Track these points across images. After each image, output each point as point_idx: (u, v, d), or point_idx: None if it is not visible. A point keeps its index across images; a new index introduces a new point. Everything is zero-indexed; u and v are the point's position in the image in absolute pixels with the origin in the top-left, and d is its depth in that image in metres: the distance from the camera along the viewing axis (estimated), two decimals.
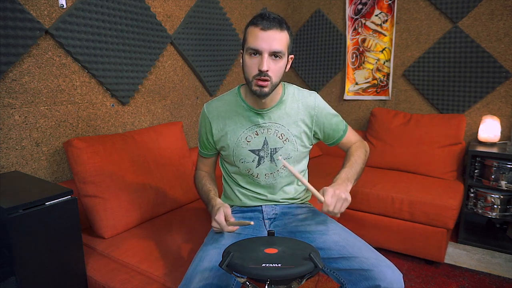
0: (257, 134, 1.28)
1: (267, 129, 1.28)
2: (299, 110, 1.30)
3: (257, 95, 1.19)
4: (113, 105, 1.89)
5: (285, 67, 1.21)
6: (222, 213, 1.12)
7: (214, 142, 1.34)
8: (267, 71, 1.14)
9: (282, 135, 1.29)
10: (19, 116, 1.51)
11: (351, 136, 1.40)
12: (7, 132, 1.48)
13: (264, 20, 1.13)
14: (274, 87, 1.19)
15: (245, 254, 0.87)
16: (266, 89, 1.16)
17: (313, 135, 1.35)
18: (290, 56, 1.24)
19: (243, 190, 1.36)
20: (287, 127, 1.29)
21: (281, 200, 1.37)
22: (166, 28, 2.09)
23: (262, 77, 1.14)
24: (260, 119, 1.27)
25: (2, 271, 1.15)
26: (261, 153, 1.29)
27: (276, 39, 1.13)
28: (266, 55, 1.13)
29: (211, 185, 1.34)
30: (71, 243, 1.25)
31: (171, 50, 2.18)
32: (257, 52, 1.14)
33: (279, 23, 1.14)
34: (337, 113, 1.37)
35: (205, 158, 1.42)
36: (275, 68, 1.16)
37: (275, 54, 1.14)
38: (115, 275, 1.30)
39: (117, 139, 1.69)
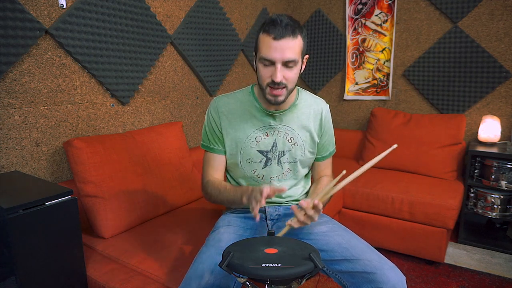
0: (267, 135, 1.28)
1: (278, 131, 1.28)
2: (310, 116, 1.32)
3: (272, 104, 1.19)
4: (113, 105, 1.89)
5: (300, 70, 1.20)
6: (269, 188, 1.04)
7: (223, 137, 1.30)
8: (281, 81, 1.13)
9: (292, 138, 1.29)
10: (19, 116, 1.51)
11: (329, 165, 1.43)
12: (7, 132, 1.48)
13: (277, 27, 1.09)
14: (289, 93, 1.19)
15: (245, 254, 0.87)
16: (281, 98, 1.17)
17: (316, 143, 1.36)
18: (305, 56, 1.21)
19: None
20: (297, 131, 1.29)
21: (285, 203, 1.37)
22: (166, 28, 2.09)
23: (276, 87, 1.14)
24: (272, 120, 1.27)
25: (2, 271, 1.15)
26: (269, 155, 1.29)
27: (289, 48, 1.10)
28: (279, 65, 1.11)
29: (231, 185, 1.32)
30: (71, 243, 1.25)
31: (171, 50, 2.18)
32: (270, 62, 1.13)
33: (292, 30, 1.10)
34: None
35: (216, 155, 1.32)
36: (290, 76, 1.15)
37: (288, 63, 1.12)
38: (115, 275, 1.30)
39: (117, 139, 1.69)
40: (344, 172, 1.07)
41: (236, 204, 1.23)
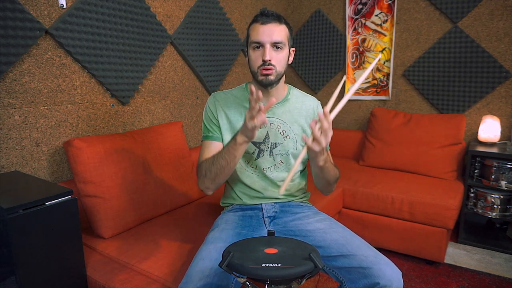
0: (260, 127, 1.30)
1: (270, 123, 1.32)
2: (302, 111, 1.36)
3: (264, 84, 1.24)
4: (113, 105, 1.89)
5: (288, 59, 1.28)
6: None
7: (220, 127, 1.33)
8: (270, 60, 1.21)
9: (284, 131, 1.33)
10: (19, 116, 1.51)
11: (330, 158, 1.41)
12: (7, 132, 1.48)
13: (264, 16, 1.23)
14: (279, 76, 1.26)
15: (245, 254, 0.87)
16: (271, 77, 1.23)
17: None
18: (292, 48, 1.31)
19: (243, 189, 1.38)
20: (289, 125, 1.34)
21: (282, 199, 1.38)
22: (166, 28, 2.09)
23: (266, 66, 1.21)
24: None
25: (2, 271, 1.15)
26: (262, 146, 1.33)
27: (275, 31, 1.21)
28: (268, 46, 1.21)
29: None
30: (71, 243, 1.25)
31: (171, 50, 2.18)
32: (259, 45, 1.22)
33: (278, 17, 1.23)
34: None
35: (215, 142, 1.32)
36: (277, 58, 1.23)
37: (276, 45, 1.22)
38: (115, 275, 1.30)
39: (117, 139, 1.69)
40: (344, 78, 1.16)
41: (231, 153, 1.17)
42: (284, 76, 1.31)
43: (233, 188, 1.40)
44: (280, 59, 1.24)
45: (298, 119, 1.35)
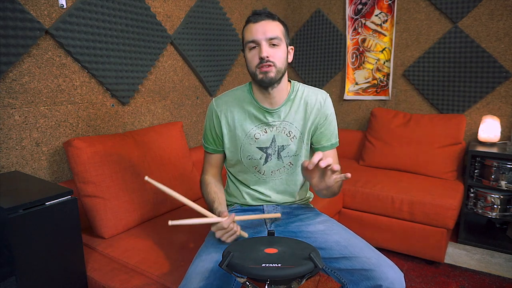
0: (266, 132, 1.29)
1: (276, 127, 1.29)
2: (307, 107, 1.30)
3: (264, 83, 1.19)
4: (113, 105, 1.89)
5: (287, 57, 1.24)
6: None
7: (222, 136, 1.32)
8: (268, 57, 1.17)
9: (290, 132, 1.30)
10: (19, 116, 1.51)
11: (335, 158, 1.35)
12: (7, 132, 1.48)
13: (255, 14, 1.20)
14: (280, 73, 1.20)
15: (245, 254, 0.87)
16: (271, 74, 1.18)
17: (314, 133, 1.32)
18: (290, 47, 1.26)
19: (249, 190, 1.37)
20: (294, 125, 1.30)
21: (282, 202, 1.38)
22: (166, 28, 2.09)
23: (265, 64, 1.17)
24: (270, 117, 1.28)
25: (2, 271, 1.15)
26: (269, 151, 1.30)
27: (269, 27, 1.17)
28: (263, 43, 1.17)
29: (215, 193, 1.29)
30: (71, 243, 1.25)
31: (171, 50, 2.18)
32: (255, 44, 1.18)
33: (270, 15, 1.20)
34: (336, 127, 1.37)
35: (212, 154, 1.37)
36: (275, 54, 1.18)
37: (272, 42, 1.18)
38: (115, 275, 1.30)
39: (117, 139, 1.69)
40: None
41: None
42: (286, 75, 1.26)
43: (238, 188, 1.39)
44: (279, 56, 1.18)
45: (303, 116, 1.29)
